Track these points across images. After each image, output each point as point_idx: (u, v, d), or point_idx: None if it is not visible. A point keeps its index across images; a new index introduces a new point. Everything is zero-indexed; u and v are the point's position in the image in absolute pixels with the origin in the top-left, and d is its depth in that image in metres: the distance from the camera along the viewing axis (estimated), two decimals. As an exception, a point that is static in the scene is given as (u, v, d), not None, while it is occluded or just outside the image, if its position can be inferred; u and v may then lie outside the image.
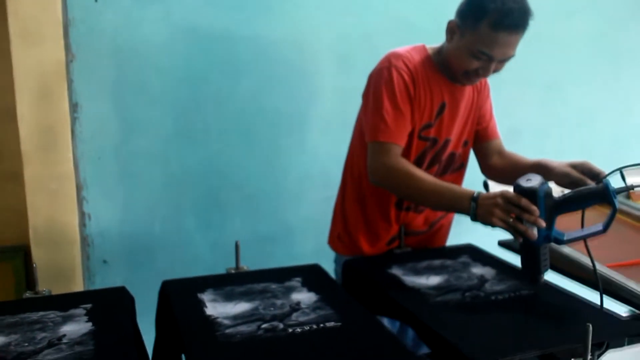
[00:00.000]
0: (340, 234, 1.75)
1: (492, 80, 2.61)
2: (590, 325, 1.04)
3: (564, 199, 1.27)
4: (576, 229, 1.30)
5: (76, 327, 1.17)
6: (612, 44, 2.90)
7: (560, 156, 1.56)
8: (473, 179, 1.85)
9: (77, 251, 2.11)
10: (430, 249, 1.72)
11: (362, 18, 2.38)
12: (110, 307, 1.29)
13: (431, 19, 2.45)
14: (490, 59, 1.46)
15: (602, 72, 2.90)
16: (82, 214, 2.14)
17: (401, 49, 1.59)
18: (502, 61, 1.49)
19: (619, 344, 1.21)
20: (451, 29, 1.52)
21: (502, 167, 1.71)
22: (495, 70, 1.51)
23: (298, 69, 2.33)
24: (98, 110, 2.10)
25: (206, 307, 1.27)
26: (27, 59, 1.93)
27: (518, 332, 1.18)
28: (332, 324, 1.19)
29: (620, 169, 1.36)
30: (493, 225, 1.31)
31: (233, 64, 2.22)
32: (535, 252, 1.28)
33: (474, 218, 1.34)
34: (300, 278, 1.44)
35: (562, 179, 1.46)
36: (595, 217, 1.73)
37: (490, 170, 1.75)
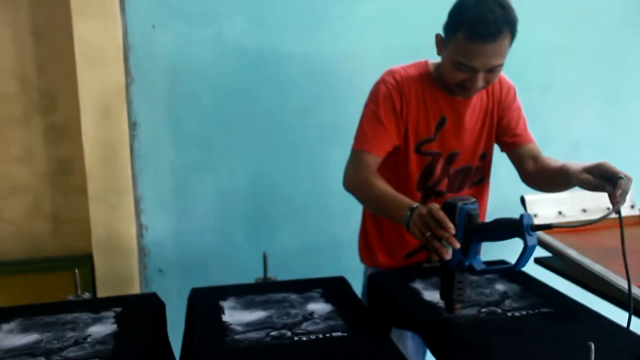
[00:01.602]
0: (363, 248, 1.77)
1: (550, 95, 2.58)
2: (593, 344, 1.00)
3: (481, 226, 1.17)
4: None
5: (102, 328, 1.27)
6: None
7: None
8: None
9: (134, 260, 2.26)
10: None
11: (408, 32, 2.40)
12: (139, 311, 1.38)
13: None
14: (473, 70, 1.43)
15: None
16: (139, 226, 2.28)
17: (398, 66, 1.62)
18: (491, 71, 1.45)
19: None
20: (438, 43, 1.52)
21: (536, 173, 1.63)
22: (488, 81, 1.47)
23: (345, 85, 2.37)
24: (155, 128, 2.24)
25: (224, 313, 1.33)
26: (91, 80, 2.10)
27: (527, 350, 1.15)
28: (338, 334, 1.22)
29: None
30: (415, 236, 1.26)
31: (281, 81, 2.30)
32: (448, 277, 1.21)
33: (407, 229, 1.31)
34: (322, 289, 1.48)
35: (583, 185, 1.37)
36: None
37: (527, 177, 1.66)
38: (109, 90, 2.13)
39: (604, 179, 1.30)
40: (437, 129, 1.60)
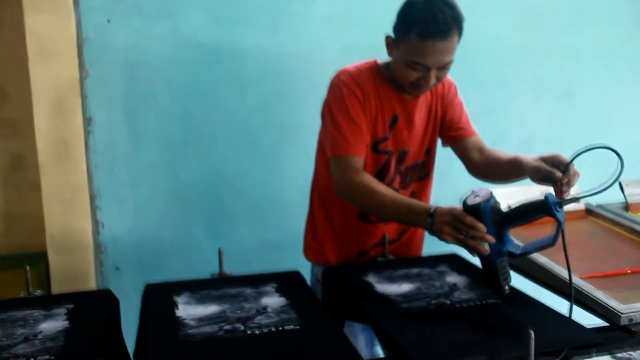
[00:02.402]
0: (311, 244, 1.80)
1: (503, 90, 2.65)
2: (532, 332, 1.05)
3: (509, 214, 1.28)
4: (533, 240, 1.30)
5: (53, 325, 1.26)
6: (627, 51, 2.84)
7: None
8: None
9: (90, 258, 2.23)
10: (412, 258, 1.75)
11: (367, 30, 2.41)
12: (92, 307, 1.37)
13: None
14: (426, 68, 1.48)
15: (616, 81, 2.84)
16: (95, 222, 2.26)
17: (350, 65, 1.65)
18: (442, 69, 1.50)
19: (585, 354, 1.21)
20: (389, 44, 1.56)
21: (484, 164, 1.68)
22: (439, 78, 1.52)
23: (304, 81, 2.39)
24: (110, 124, 2.22)
25: (177, 308, 1.34)
26: (44, 75, 2.07)
27: (471, 339, 1.19)
28: (291, 327, 1.24)
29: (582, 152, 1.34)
30: (447, 241, 1.33)
31: (239, 77, 2.31)
32: (490, 266, 1.30)
33: (432, 233, 1.37)
34: (276, 284, 1.49)
35: (534, 174, 1.43)
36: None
37: (473, 169, 1.71)
38: (62, 84, 2.10)
39: (556, 167, 1.36)
40: (390, 127, 1.63)
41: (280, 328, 1.23)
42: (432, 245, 1.85)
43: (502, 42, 2.62)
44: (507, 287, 1.32)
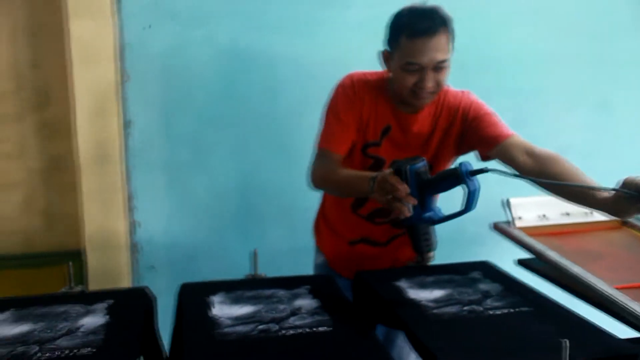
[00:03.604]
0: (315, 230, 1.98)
1: (536, 100, 2.63)
2: (567, 341, 1.05)
3: (430, 180, 1.31)
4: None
5: (94, 320, 1.30)
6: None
7: (610, 178, 1.37)
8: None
9: (126, 257, 2.29)
10: (445, 265, 1.74)
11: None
12: (130, 304, 1.41)
13: (469, 37, 2.50)
14: (421, 68, 1.51)
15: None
16: (131, 222, 2.31)
17: (360, 70, 1.72)
18: (437, 69, 1.52)
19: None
20: (385, 58, 1.63)
21: (537, 172, 1.47)
22: (437, 81, 1.54)
23: (336, 88, 2.41)
24: (148, 126, 2.28)
25: (213, 307, 1.37)
26: (85, 78, 2.14)
27: (504, 347, 1.19)
28: (324, 328, 1.26)
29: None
30: (379, 202, 1.39)
31: (273, 83, 2.34)
32: (413, 230, 1.34)
33: (372, 197, 1.43)
34: (310, 286, 1.51)
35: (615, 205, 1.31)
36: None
37: (526, 174, 1.49)
38: (103, 88, 2.16)
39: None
40: (382, 135, 1.67)
41: (314, 329, 1.25)
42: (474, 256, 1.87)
43: (536, 51, 2.61)
44: (430, 254, 1.38)
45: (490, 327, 1.28)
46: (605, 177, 1.46)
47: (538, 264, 1.74)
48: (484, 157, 1.67)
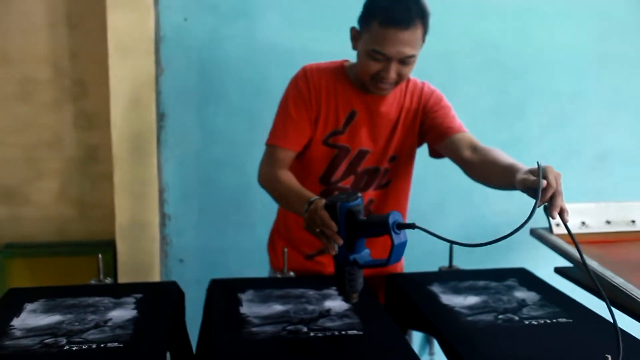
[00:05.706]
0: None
1: (578, 103, 2.55)
2: (610, 357, 1.00)
3: (358, 223, 1.18)
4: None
5: (122, 313, 1.29)
6: None
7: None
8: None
9: (156, 249, 2.29)
10: (479, 270, 1.70)
11: (440, 37, 2.38)
12: (159, 299, 1.40)
13: (511, 38, 2.45)
14: (386, 58, 1.44)
15: None
16: (162, 215, 2.32)
17: (314, 62, 1.64)
18: (403, 63, 1.45)
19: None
20: (353, 36, 1.54)
21: (478, 164, 1.49)
22: (400, 74, 1.47)
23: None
24: (182, 120, 2.27)
25: (242, 306, 1.35)
26: (122, 70, 2.14)
27: (538, 359, 1.15)
28: (354, 332, 1.23)
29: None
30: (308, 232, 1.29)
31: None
32: (339, 270, 1.22)
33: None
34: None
35: (520, 184, 1.20)
36: None
37: (468, 169, 1.53)
38: (139, 80, 2.17)
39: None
40: (346, 122, 1.60)
41: (344, 332, 1.22)
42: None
43: (578, 52, 2.52)
44: (354, 296, 1.24)
45: (526, 338, 1.23)
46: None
47: (576, 273, 1.68)
48: (433, 153, 1.68)
